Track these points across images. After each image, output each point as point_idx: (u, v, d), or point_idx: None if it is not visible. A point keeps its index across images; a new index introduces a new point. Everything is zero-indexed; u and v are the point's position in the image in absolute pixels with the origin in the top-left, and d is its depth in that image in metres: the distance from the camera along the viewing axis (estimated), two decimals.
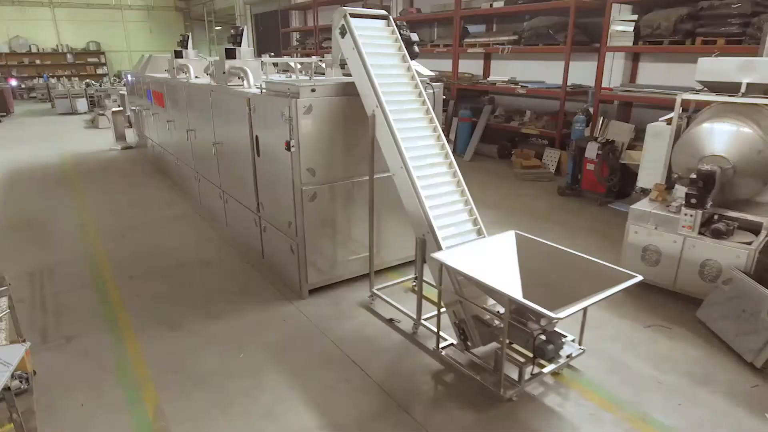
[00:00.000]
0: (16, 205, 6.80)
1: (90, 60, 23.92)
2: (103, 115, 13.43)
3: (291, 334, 3.65)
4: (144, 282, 4.51)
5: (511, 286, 3.17)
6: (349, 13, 3.66)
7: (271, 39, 17.12)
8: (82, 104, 16.90)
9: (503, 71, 9.76)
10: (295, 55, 15.69)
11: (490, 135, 9.54)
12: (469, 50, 9.50)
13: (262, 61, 5.13)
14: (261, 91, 4.10)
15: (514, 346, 3.07)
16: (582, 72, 8.30)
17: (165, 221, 6.11)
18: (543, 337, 2.85)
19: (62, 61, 23.13)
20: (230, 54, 4.92)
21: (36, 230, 5.83)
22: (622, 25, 7.04)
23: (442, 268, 3.05)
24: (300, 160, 3.75)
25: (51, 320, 3.86)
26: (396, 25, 3.90)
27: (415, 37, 3.90)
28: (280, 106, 3.75)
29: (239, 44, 5.04)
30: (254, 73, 4.79)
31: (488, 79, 9.69)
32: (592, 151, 6.58)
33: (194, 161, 6.31)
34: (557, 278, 3.12)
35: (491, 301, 3.28)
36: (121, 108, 11.11)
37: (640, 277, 2.78)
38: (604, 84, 7.63)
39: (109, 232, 5.74)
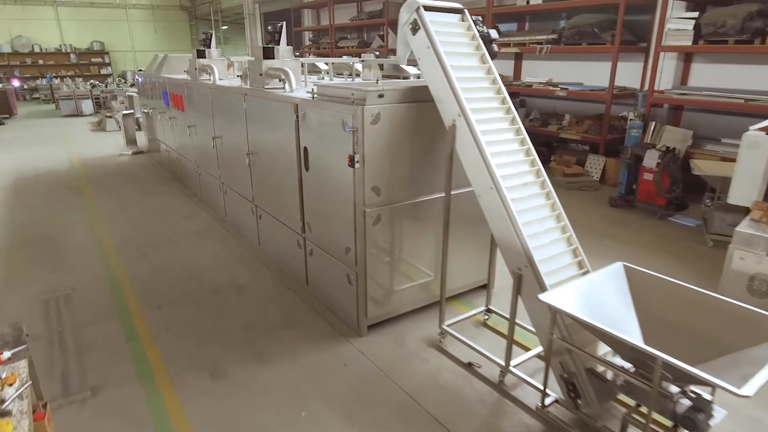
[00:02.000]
0: (24, 217, 6.26)
1: (94, 60, 23.41)
2: (110, 117, 12.88)
3: (356, 382, 3.11)
4: (173, 312, 3.97)
5: (632, 333, 2.64)
6: (422, 6, 3.12)
7: None
8: (87, 106, 16.33)
9: (535, 72, 9.24)
10: (307, 55, 15.15)
11: None
12: (503, 50, 8.95)
13: (301, 62, 4.58)
14: (312, 96, 3.56)
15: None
16: (623, 73, 7.77)
17: (188, 236, 5.57)
18: (687, 401, 2.32)
19: (65, 61, 22.61)
20: (268, 53, 4.38)
21: (47, 246, 5.29)
22: (679, 23, 6.49)
23: (556, 314, 2.51)
24: (364, 178, 3.20)
25: (72, 364, 3.31)
26: (472, 20, 3.37)
27: (494, 34, 3.35)
28: (340, 114, 3.21)
29: (278, 42, 4.49)
30: (294, 74, 4.26)
31: (523, 80, 9.15)
32: (651, 159, 6.03)
33: (220, 171, 5.76)
34: (683, 323, 2.58)
35: (603, 348, 2.75)
36: (132, 111, 10.56)
37: None
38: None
39: (128, 249, 5.19)
